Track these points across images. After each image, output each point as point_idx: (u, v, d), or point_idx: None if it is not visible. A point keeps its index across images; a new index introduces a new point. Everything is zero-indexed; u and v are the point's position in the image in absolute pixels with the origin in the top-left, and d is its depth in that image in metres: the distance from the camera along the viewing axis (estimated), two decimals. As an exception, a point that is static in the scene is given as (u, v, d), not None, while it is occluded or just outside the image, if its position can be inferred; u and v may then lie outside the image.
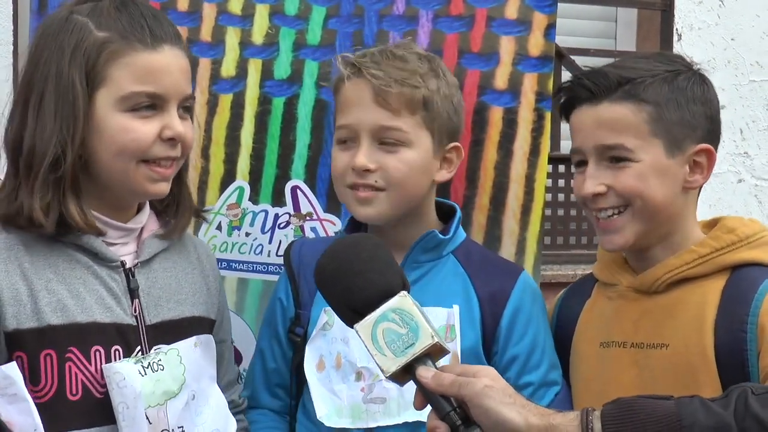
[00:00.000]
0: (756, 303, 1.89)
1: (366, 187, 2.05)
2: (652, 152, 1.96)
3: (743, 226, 2.02)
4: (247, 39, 2.45)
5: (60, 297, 1.77)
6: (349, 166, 2.05)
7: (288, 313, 2.19)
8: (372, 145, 2.05)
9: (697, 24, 4.45)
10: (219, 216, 2.44)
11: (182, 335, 1.91)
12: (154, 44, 1.81)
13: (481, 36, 2.42)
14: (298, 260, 2.20)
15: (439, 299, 2.07)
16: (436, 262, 2.13)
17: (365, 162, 2.03)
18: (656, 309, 2.01)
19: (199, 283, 2.02)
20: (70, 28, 1.80)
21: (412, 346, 1.55)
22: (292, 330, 2.17)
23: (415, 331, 1.56)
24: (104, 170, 1.83)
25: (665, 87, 1.98)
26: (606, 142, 1.97)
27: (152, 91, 1.80)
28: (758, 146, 4.61)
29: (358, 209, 2.08)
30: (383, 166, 2.04)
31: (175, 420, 1.83)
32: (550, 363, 2.12)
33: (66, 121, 1.77)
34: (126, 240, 1.91)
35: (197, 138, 2.41)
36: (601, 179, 1.98)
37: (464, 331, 2.05)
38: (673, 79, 1.99)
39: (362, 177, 2.05)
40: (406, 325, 1.56)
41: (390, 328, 1.57)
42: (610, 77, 1.98)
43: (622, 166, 1.97)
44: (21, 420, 1.68)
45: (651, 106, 1.96)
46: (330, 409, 2.04)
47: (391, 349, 1.56)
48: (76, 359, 1.77)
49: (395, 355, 1.56)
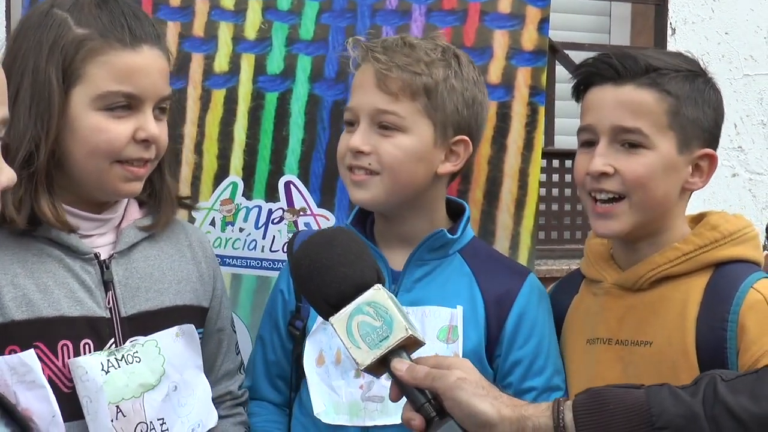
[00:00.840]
0: (737, 301, 1.88)
1: (360, 170, 2.05)
2: (666, 144, 1.96)
3: (726, 222, 2.01)
4: (240, 34, 2.44)
5: (26, 292, 1.76)
6: (349, 148, 2.06)
7: (289, 306, 2.17)
8: (370, 128, 2.04)
9: (691, 18, 4.44)
10: (212, 212, 2.43)
11: (162, 326, 1.89)
12: (133, 44, 1.80)
13: (474, 30, 2.41)
14: None
15: (443, 299, 2.06)
16: (441, 261, 2.11)
17: (359, 144, 2.03)
18: (640, 306, 2.01)
19: (187, 271, 2.00)
20: (50, 23, 1.79)
21: (386, 338, 1.56)
22: (292, 323, 2.16)
23: (390, 324, 1.56)
24: (77, 168, 1.81)
25: (687, 84, 1.98)
26: (624, 124, 1.95)
27: (129, 92, 1.79)
28: (752, 140, 4.60)
29: (353, 191, 2.08)
30: (377, 149, 2.03)
31: (153, 412, 1.82)
32: (555, 368, 2.09)
33: (41, 117, 1.76)
34: (102, 231, 1.90)
35: (190, 135, 2.43)
36: (611, 160, 1.96)
37: (467, 332, 2.03)
38: (694, 79, 2.00)
39: (357, 159, 2.04)
40: (381, 318, 1.57)
41: (365, 321, 1.57)
42: (639, 61, 1.97)
43: (634, 152, 1.95)
44: (39, 407, 1.71)
45: (673, 98, 1.95)
46: (328, 405, 2.03)
47: (366, 342, 1.56)
48: (43, 354, 1.76)
49: (370, 348, 1.56)
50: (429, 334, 2.01)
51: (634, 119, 1.95)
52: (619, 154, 1.96)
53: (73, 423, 1.77)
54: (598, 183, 1.97)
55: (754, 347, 1.84)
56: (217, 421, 1.99)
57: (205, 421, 1.94)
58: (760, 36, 4.53)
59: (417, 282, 2.08)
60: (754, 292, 1.89)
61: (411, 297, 2.06)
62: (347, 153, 2.06)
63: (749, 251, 1.99)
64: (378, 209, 2.11)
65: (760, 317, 1.86)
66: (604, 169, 1.95)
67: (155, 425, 1.83)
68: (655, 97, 1.95)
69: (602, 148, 1.97)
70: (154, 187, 1.96)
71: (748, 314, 1.86)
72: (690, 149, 1.98)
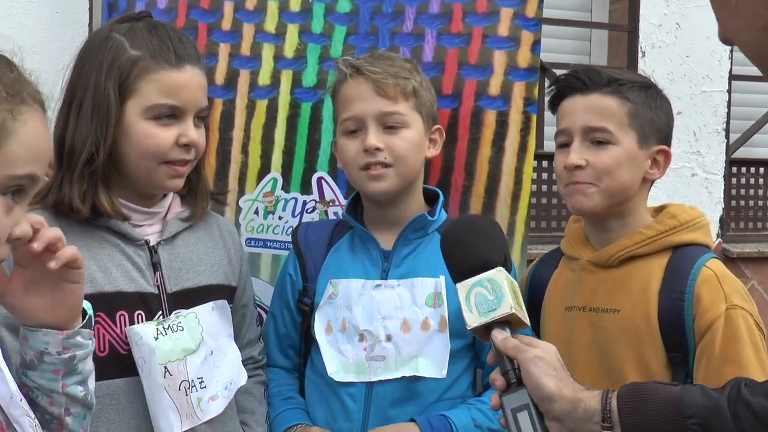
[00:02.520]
0: (693, 276, 1.90)
1: (377, 165, 2.02)
2: (628, 140, 1.97)
3: (683, 212, 2.03)
4: (280, 53, 2.42)
5: (90, 271, 1.75)
6: (361, 150, 2.02)
7: (297, 286, 2.16)
8: (378, 128, 2.02)
9: (657, 43, 4.41)
10: (256, 203, 2.42)
11: (200, 301, 1.90)
12: (177, 64, 1.80)
13: (477, 50, 2.38)
14: (305, 240, 2.17)
15: (428, 270, 2.03)
16: (423, 239, 2.09)
17: (375, 142, 2.01)
18: (610, 280, 2.01)
19: (219, 256, 2.00)
20: (109, 45, 1.80)
21: (494, 311, 1.55)
22: (301, 300, 2.14)
23: (500, 300, 1.55)
24: (131, 167, 1.82)
25: (642, 93, 2.00)
26: (593, 124, 1.98)
27: (173, 104, 1.79)
28: (708, 146, 4.57)
29: (372, 185, 2.04)
30: (389, 145, 2.02)
31: (194, 372, 1.82)
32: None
33: (100, 124, 1.77)
34: (151, 222, 1.90)
35: (238, 138, 2.42)
36: (584, 155, 1.98)
37: (450, 296, 2.00)
38: (648, 89, 2.03)
39: (374, 156, 2.02)
40: (494, 293, 1.56)
41: (482, 293, 1.56)
42: (602, 75, 2.01)
43: (602, 147, 1.97)
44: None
45: (632, 103, 1.98)
46: (338, 366, 2.02)
47: (478, 309, 1.56)
48: (104, 322, 1.77)
49: (479, 315, 1.56)
50: (419, 301, 2.01)
51: (600, 120, 1.97)
52: (590, 150, 1.98)
53: (128, 379, 1.79)
54: (574, 175, 1.99)
55: (708, 314, 1.87)
56: (246, 379, 1.99)
57: (236, 380, 1.95)
58: (715, 59, 4.49)
59: (405, 258, 2.06)
60: (707, 270, 1.91)
61: (401, 271, 2.05)
62: (359, 154, 2.03)
63: (702, 237, 2.01)
64: (390, 197, 2.07)
65: (712, 289, 1.89)
66: (579, 162, 1.97)
67: (195, 383, 1.83)
68: (617, 102, 1.97)
69: (576, 145, 1.99)
70: (192, 184, 1.97)
71: (702, 287, 1.89)
72: (648, 145, 1.99)
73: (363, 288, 2.04)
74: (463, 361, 2.05)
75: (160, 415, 1.77)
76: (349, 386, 2.01)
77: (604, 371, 1.97)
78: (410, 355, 1.98)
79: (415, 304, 2.00)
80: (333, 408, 2.03)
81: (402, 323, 1.99)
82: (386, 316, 2.00)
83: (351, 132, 2.06)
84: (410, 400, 1.99)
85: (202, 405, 1.83)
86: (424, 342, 1.99)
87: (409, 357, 1.98)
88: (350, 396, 2.01)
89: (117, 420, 1.77)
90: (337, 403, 2.03)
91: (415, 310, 2.00)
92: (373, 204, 2.12)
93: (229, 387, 1.91)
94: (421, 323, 1.99)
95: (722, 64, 4.55)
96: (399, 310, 2.00)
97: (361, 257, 2.09)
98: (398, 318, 2.00)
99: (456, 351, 2.01)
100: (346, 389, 2.01)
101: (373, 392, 2.00)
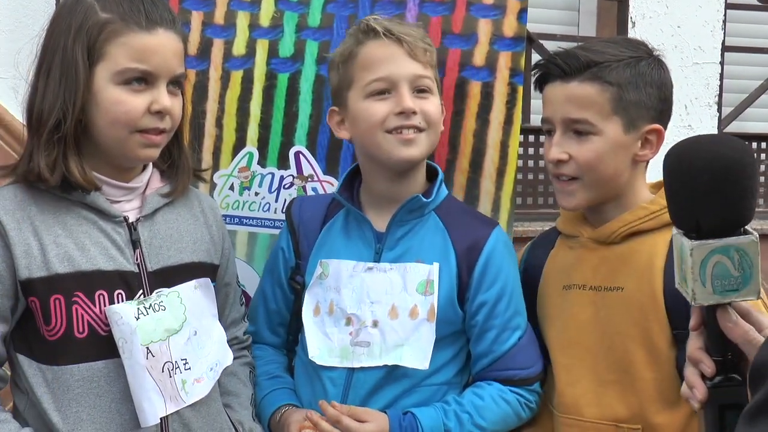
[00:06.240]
0: None
1: (410, 129, 1.96)
2: (612, 128, 1.92)
3: None
4: (256, 22, 2.37)
5: (67, 249, 1.73)
6: (392, 112, 1.95)
7: (289, 263, 2.12)
8: (410, 92, 1.97)
9: (648, 13, 4.39)
10: (231, 178, 2.38)
11: (182, 279, 1.86)
12: (149, 27, 1.75)
13: (461, 19, 2.33)
14: (299, 216, 2.13)
15: (421, 254, 2.00)
16: (418, 220, 2.04)
17: (411, 105, 1.95)
18: (612, 257, 1.98)
19: (201, 233, 1.96)
20: (79, 8, 1.76)
21: (735, 291, 1.26)
22: (293, 278, 2.11)
23: (746, 281, 1.26)
24: (101, 136, 1.77)
25: (627, 71, 1.92)
26: (572, 116, 1.93)
27: (144, 68, 1.74)
28: (700, 120, 4.57)
29: (403, 150, 1.97)
30: (423, 109, 1.97)
31: (177, 353, 1.79)
32: (515, 310, 2.03)
33: (68, 90, 1.72)
34: (129, 197, 1.86)
35: (212, 110, 2.37)
36: (565, 148, 1.94)
37: (442, 284, 1.97)
38: (636, 65, 1.94)
39: (409, 119, 1.95)
40: (741, 269, 1.25)
41: (723, 263, 1.25)
42: (581, 59, 1.93)
43: (584, 139, 1.93)
44: None
45: (614, 87, 1.91)
46: (322, 349, 1.99)
47: (713, 284, 1.26)
48: (82, 302, 1.73)
49: (713, 292, 1.27)
50: (410, 288, 1.97)
51: (580, 111, 1.92)
52: (571, 142, 1.94)
53: (109, 361, 1.75)
54: (557, 168, 1.97)
55: None
56: (232, 360, 1.97)
57: (222, 361, 1.92)
58: (707, 30, 4.48)
59: (399, 240, 2.02)
60: None
61: (394, 254, 2.01)
62: (389, 117, 1.96)
63: None
64: (414, 165, 2.02)
65: None
66: (560, 157, 1.95)
67: (179, 364, 1.80)
68: (596, 89, 1.91)
69: (557, 137, 1.96)
70: (173, 158, 1.93)
71: None
72: (637, 128, 1.93)
73: (354, 270, 2.00)
74: (451, 347, 2.02)
75: (143, 398, 1.74)
76: (330, 370, 1.99)
77: (606, 350, 1.95)
78: (395, 344, 1.95)
79: (406, 291, 1.97)
80: (316, 390, 2.02)
81: (390, 309, 1.97)
82: (375, 300, 1.97)
83: (380, 93, 1.98)
84: (389, 386, 1.97)
85: (187, 387, 1.80)
86: (411, 331, 1.96)
87: (395, 345, 1.95)
88: (330, 380, 1.99)
89: (97, 405, 1.74)
90: (319, 385, 2.01)
91: (405, 297, 1.97)
92: (385, 177, 2.04)
93: (214, 368, 1.89)
94: (410, 310, 1.96)
95: (715, 35, 4.53)
96: (388, 296, 1.97)
97: (354, 237, 2.05)
98: (387, 303, 1.97)
99: (443, 337, 1.98)
100: (328, 373, 1.99)
101: (354, 378, 1.97)
